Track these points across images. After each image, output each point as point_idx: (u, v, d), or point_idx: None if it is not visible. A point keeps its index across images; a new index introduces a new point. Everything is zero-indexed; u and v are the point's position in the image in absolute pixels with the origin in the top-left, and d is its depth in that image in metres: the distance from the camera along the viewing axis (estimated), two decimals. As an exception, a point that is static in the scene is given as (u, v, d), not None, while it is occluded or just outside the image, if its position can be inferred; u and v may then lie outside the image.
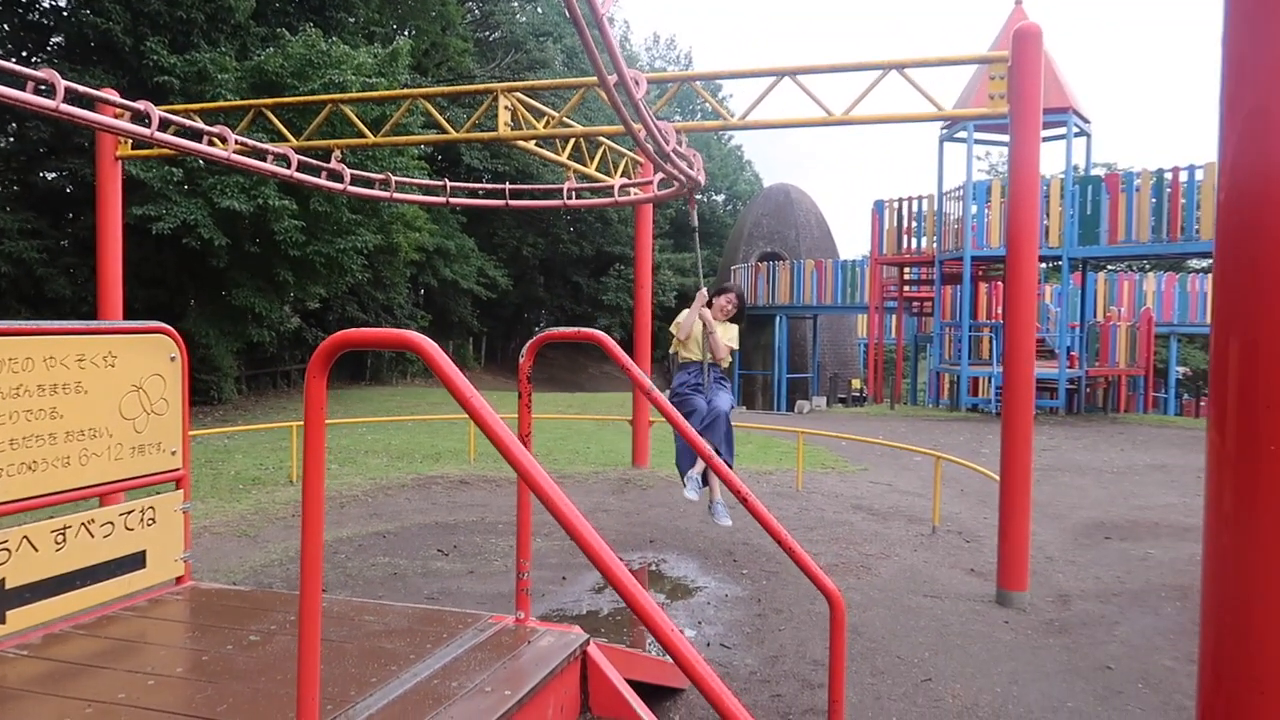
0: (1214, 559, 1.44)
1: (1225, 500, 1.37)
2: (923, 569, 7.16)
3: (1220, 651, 1.43)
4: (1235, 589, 1.37)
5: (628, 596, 1.70)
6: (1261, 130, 1.25)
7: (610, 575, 1.69)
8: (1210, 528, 1.44)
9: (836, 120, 6.77)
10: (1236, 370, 1.32)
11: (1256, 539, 1.31)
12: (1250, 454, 1.31)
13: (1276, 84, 1.23)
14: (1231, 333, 1.34)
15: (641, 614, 1.69)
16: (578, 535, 1.70)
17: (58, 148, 17.55)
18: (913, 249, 22.18)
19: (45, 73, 5.55)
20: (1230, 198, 1.30)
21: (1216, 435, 1.38)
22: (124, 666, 2.59)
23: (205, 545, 7.60)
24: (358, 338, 1.91)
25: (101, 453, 3.04)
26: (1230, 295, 1.34)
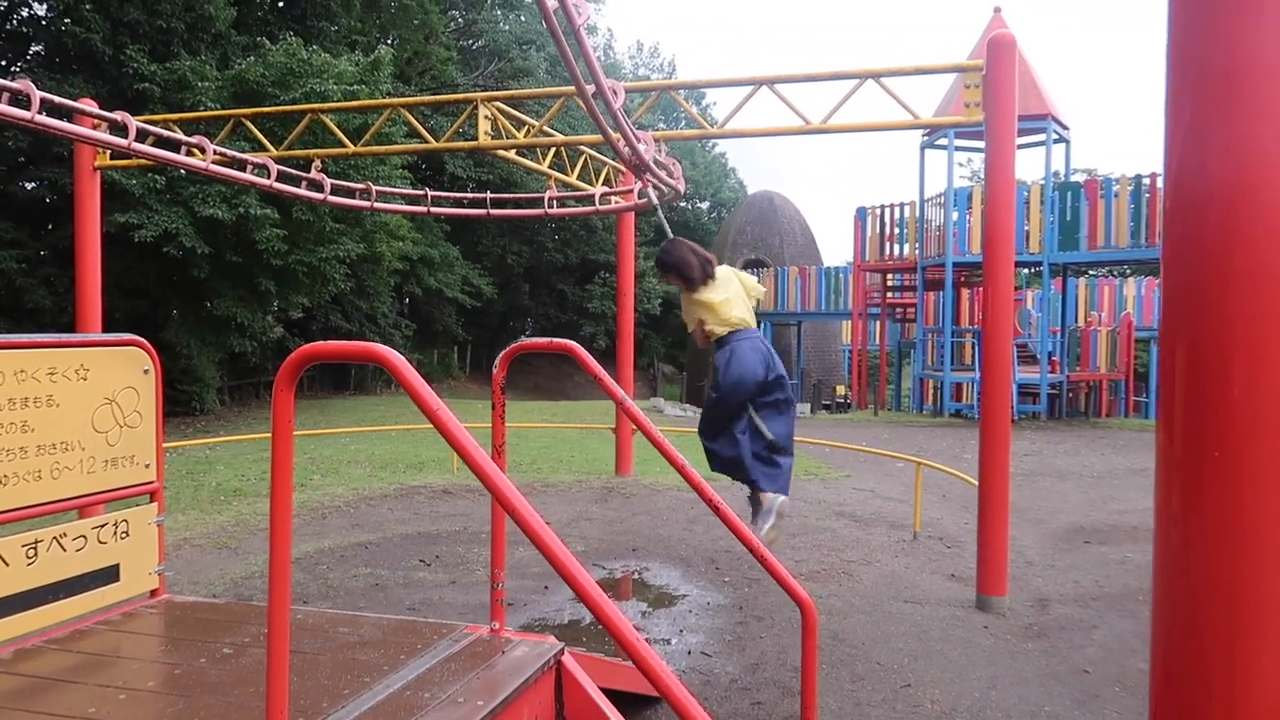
0: (1162, 559, 1.47)
1: (1173, 502, 1.40)
2: (903, 575, 7.19)
3: (1169, 650, 1.46)
4: (1183, 589, 1.40)
5: (588, 600, 1.71)
6: (1200, 144, 1.28)
7: (567, 575, 1.70)
8: (1159, 529, 1.47)
9: (814, 129, 6.81)
10: (1182, 375, 1.35)
11: (1202, 539, 1.34)
12: (1196, 457, 1.34)
13: (1214, 99, 1.27)
14: (1177, 339, 1.37)
15: (604, 619, 1.71)
16: (541, 544, 1.71)
17: (36, 158, 17.45)
18: (895, 255, 22.31)
19: (20, 83, 5.54)
20: (1174, 208, 1.33)
21: (1164, 438, 1.41)
22: (95, 681, 2.58)
23: (186, 557, 7.56)
24: (324, 351, 1.92)
25: (74, 466, 3.03)
26: (1175, 302, 1.37)
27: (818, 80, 6.91)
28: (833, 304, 26.93)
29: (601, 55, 49.48)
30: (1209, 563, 1.34)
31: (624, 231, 11.65)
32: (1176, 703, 1.42)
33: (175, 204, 15.98)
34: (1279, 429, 1.27)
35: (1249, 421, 1.27)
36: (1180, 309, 1.35)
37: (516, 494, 1.82)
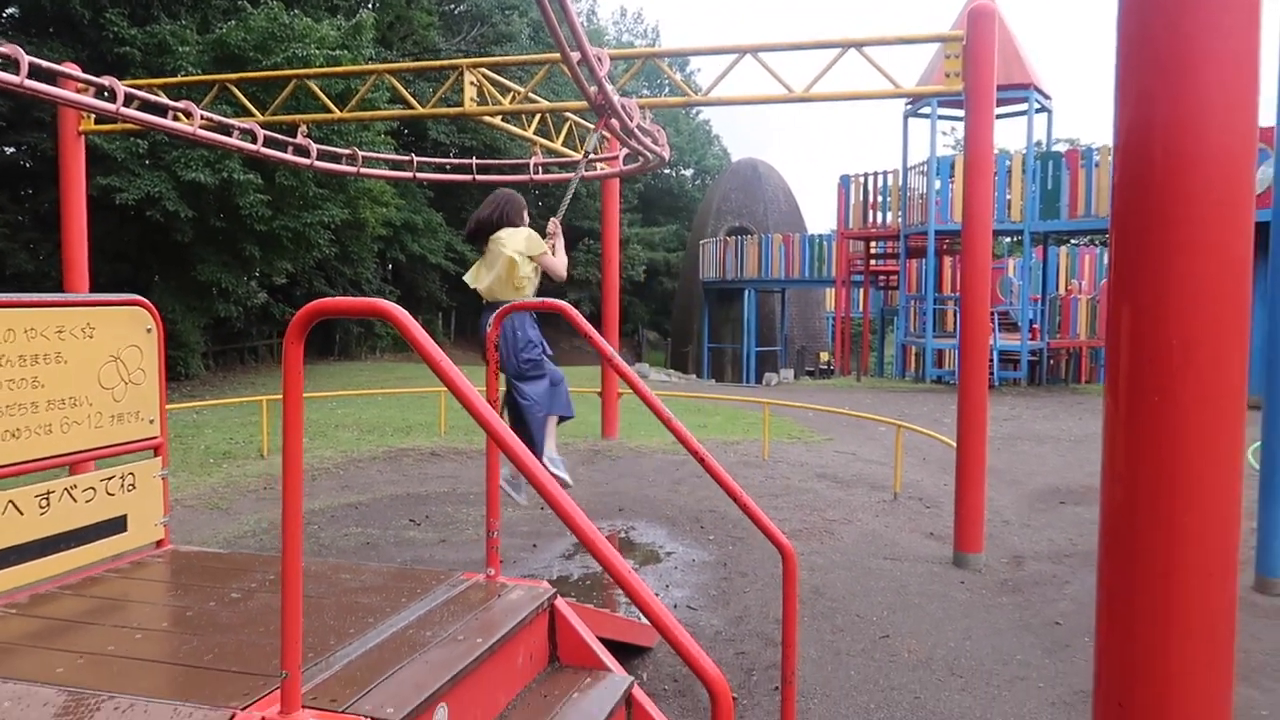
0: (1108, 514, 1.60)
1: (1118, 459, 1.53)
2: (883, 533, 7.40)
3: (1113, 602, 1.60)
4: (1126, 543, 1.53)
5: (593, 548, 1.84)
6: (1147, 115, 1.39)
7: (575, 527, 1.83)
8: (1105, 485, 1.60)
9: (797, 97, 6.90)
10: (1127, 337, 1.48)
11: (1143, 493, 1.47)
12: (1138, 413, 1.47)
13: (1161, 70, 1.38)
14: (1123, 301, 1.49)
15: (604, 562, 1.84)
16: (543, 490, 1.84)
17: (15, 122, 17.24)
18: (878, 223, 22.42)
19: (9, 48, 5.55)
20: (1121, 178, 1.45)
21: (1110, 398, 1.54)
22: (111, 622, 2.71)
23: (178, 517, 7.66)
24: (333, 306, 2.03)
25: (82, 421, 3.13)
26: (1122, 268, 1.49)
27: (801, 49, 6.98)
28: (817, 271, 27.04)
29: (585, 21, 49.00)
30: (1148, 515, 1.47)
31: (609, 198, 11.71)
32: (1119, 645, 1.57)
33: (158, 168, 15.88)
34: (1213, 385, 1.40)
35: (1186, 379, 1.39)
36: (1125, 274, 1.47)
37: (520, 444, 1.95)
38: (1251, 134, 1.40)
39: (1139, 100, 1.42)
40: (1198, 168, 1.37)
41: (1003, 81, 18.22)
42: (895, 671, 4.74)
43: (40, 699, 2.21)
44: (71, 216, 8.64)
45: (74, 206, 8.64)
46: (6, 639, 2.62)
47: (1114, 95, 1.45)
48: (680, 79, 37.09)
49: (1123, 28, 1.42)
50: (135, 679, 2.30)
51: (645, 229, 44.63)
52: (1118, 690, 1.53)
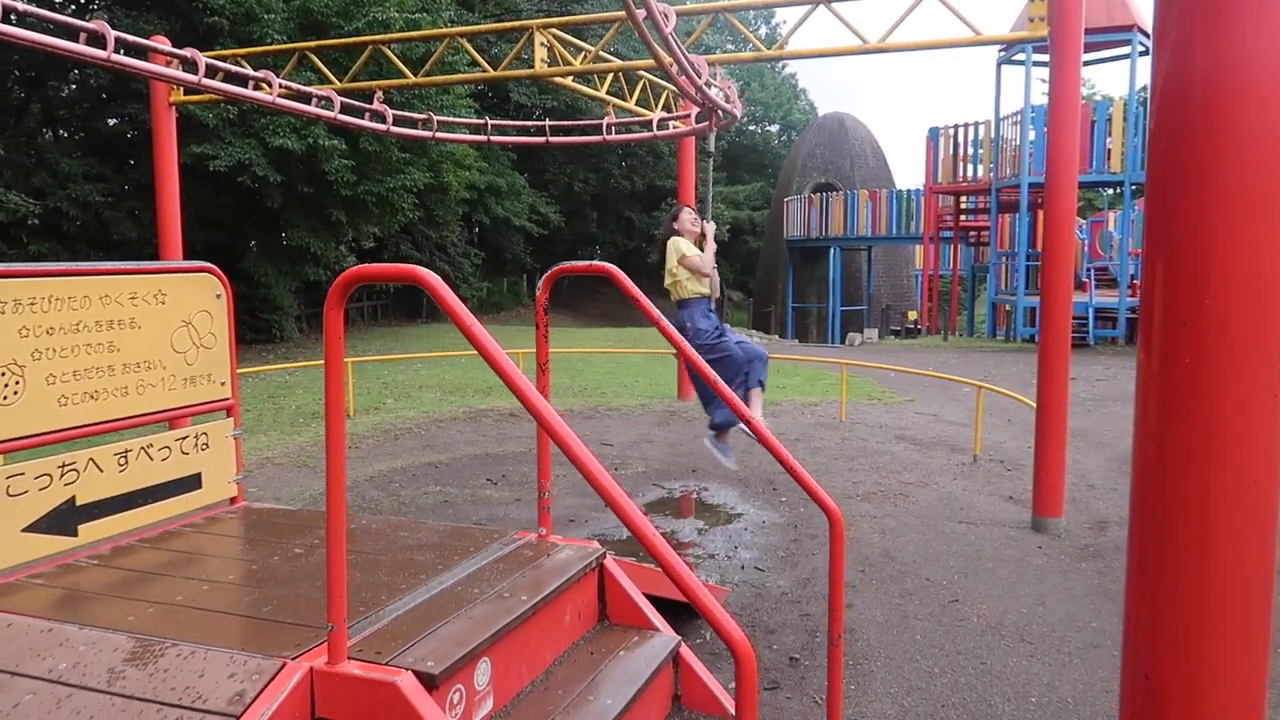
0: (1140, 473, 1.54)
1: (1150, 415, 1.46)
2: (960, 496, 7.25)
3: (1142, 568, 1.54)
4: (1157, 500, 1.47)
5: (615, 506, 1.86)
6: (1185, 63, 1.30)
7: (598, 486, 1.85)
8: (1137, 443, 1.54)
9: (872, 48, 6.69)
10: (1161, 290, 1.40)
11: (1174, 451, 1.40)
12: (1170, 369, 1.39)
13: (1199, 16, 1.28)
14: (1158, 255, 1.41)
15: (627, 521, 1.85)
16: (566, 447, 1.86)
17: (117, 94, 17.98)
18: (969, 177, 21.71)
19: (96, 24, 5.76)
20: (1157, 126, 1.36)
21: (1144, 354, 1.47)
22: (182, 574, 2.85)
23: (269, 475, 8.00)
24: (367, 273, 2.07)
25: (156, 383, 3.28)
26: (1156, 220, 1.41)
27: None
28: (904, 228, 26.39)
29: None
30: (1179, 472, 1.40)
31: (684, 157, 11.60)
32: (1150, 600, 1.51)
33: (247, 135, 16.39)
34: (1248, 343, 1.32)
35: (1220, 335, 1.31)
36: (1160, 226, 1.39)
37: (546, 404, 1.97)
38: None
39: (1175, 48, 1.33)
40: (1239, 116, 1.28)
41: (1103, 24, 17.43)
42: (962, 636, 4.67)
43: (111, 645, 2.35)
44: (165, 185, 8.99)
45: (167, 175, 8.98)
46: (88, 588, 2.78)
47: (1152, 42, 1.36)
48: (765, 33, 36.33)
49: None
50: (198, 628, 2.42)
51: (729, 187, 44.15)
52: (1145, 661, 1.47)
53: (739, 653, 1.82)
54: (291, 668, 2.17)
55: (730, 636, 1.80)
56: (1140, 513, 1.54)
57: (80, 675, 2.26)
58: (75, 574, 2.89)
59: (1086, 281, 18.67)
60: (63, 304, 2.97)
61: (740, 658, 1.82)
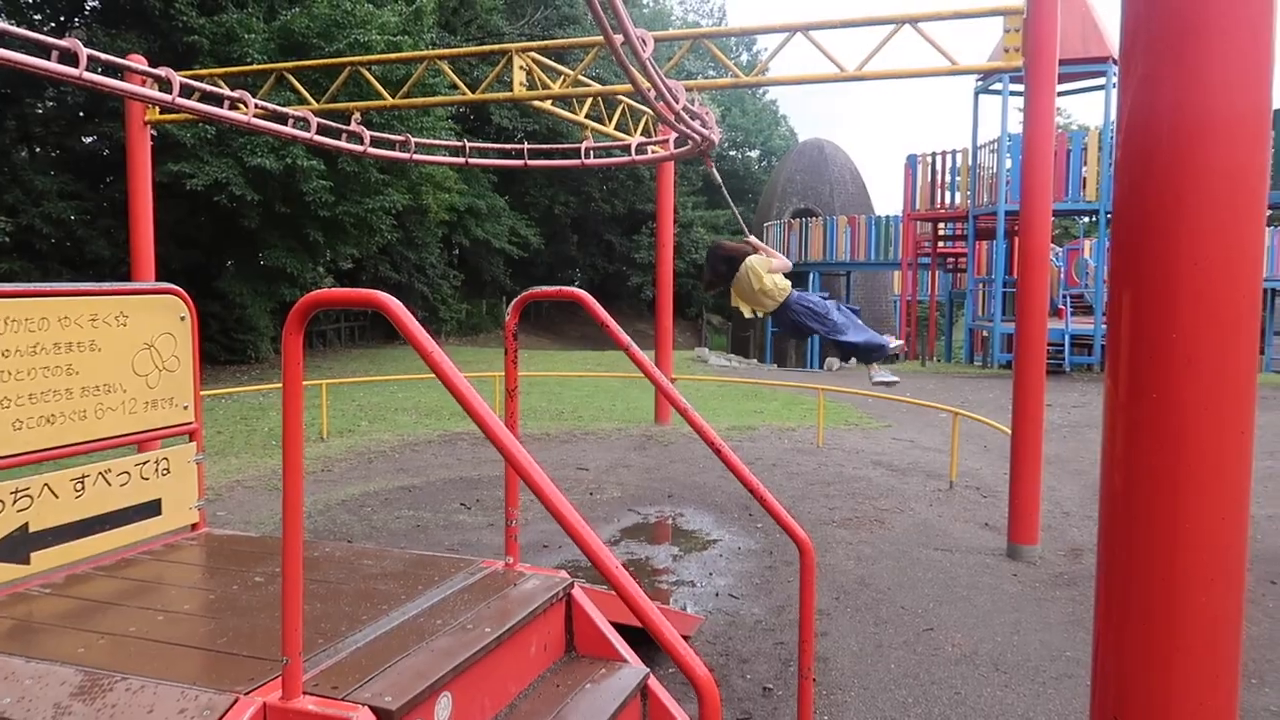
0: (1107, 500, 1.52)
1: (1117, 444, 1.44)
2: (936, 523, 7.24)
3: (1109, 604, 1.51)
4: (1124, 531, 1.45)
5: (574, 534, 1.81)
6: (1150, 98, 1.29)
7: (559, 515, 1.80)
8: (1105, 472, 1.52)
9: (849, 76, 6.74)
10: (1128, 322, 1.39)
11: (1141, 482, 1.38)
12: (1138, 402, 1.38)
13: (1164, 53, 1.28)
14: (1124, 287, 1.40)
15: (584, 547, 1.81)
16: (523, 471, 1.82)
17: (94, 112, 17.84)
18: (947, 204, 21.91)
19: (69, 41, 5.69)
20: (1124, 158, 1.36)
21: (1111, 384, 1.45)
22: (136, 604, 2.77)
23: (238, 498, 7.88)
24: (328, 297, 2.02)
25: (116, 407, 3.21)
26: (1122, 253, 1.40)
27: (855, 26, 6.81)
28: (883, 253, 26.55)
29: (650, 1, 48.73)
30: (1145, 501, 1.38)
31: (664, 181, 11.64)
32: (1117, 628, 1.48)
33: (225, 154, 16.28)
34: (1216, 376, 1.30)
35: (1187, 368, 1.30)
36: (1127, 256, 1.38)
37: (506, 430, 1.93)
38: (1265, 111, 1.29)
39: (1143, 80, 1.32)
40: (1203, 149, 1.27)
41: (1079, 54, 17.67)
42: (937, 666, 4.64)
43: (59, 678, 2.27)
44: (138, 204, 8.90)
45: (140, 194, 8.89)
46: (39, 618, 2.70)
47: (1119, 74, 1.35)
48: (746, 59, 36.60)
49: (1128, 4, 1.32)
50: (151, 660, 2.35)
51: (709, 211, 44.32)
52: (1114, 699, 1.45)
53: (701, 688, 1.78)
54: (244, 703, 2.10)
55: (692, 671, 1.76)
56: (1108, 543, 1.52)
57: (25, 711, 2.18)
58: (27, 603, 2.80)
59: (1062, 308, 18.84)
60: (19, 325, 2.90)
61: (703, 694, 1.78)
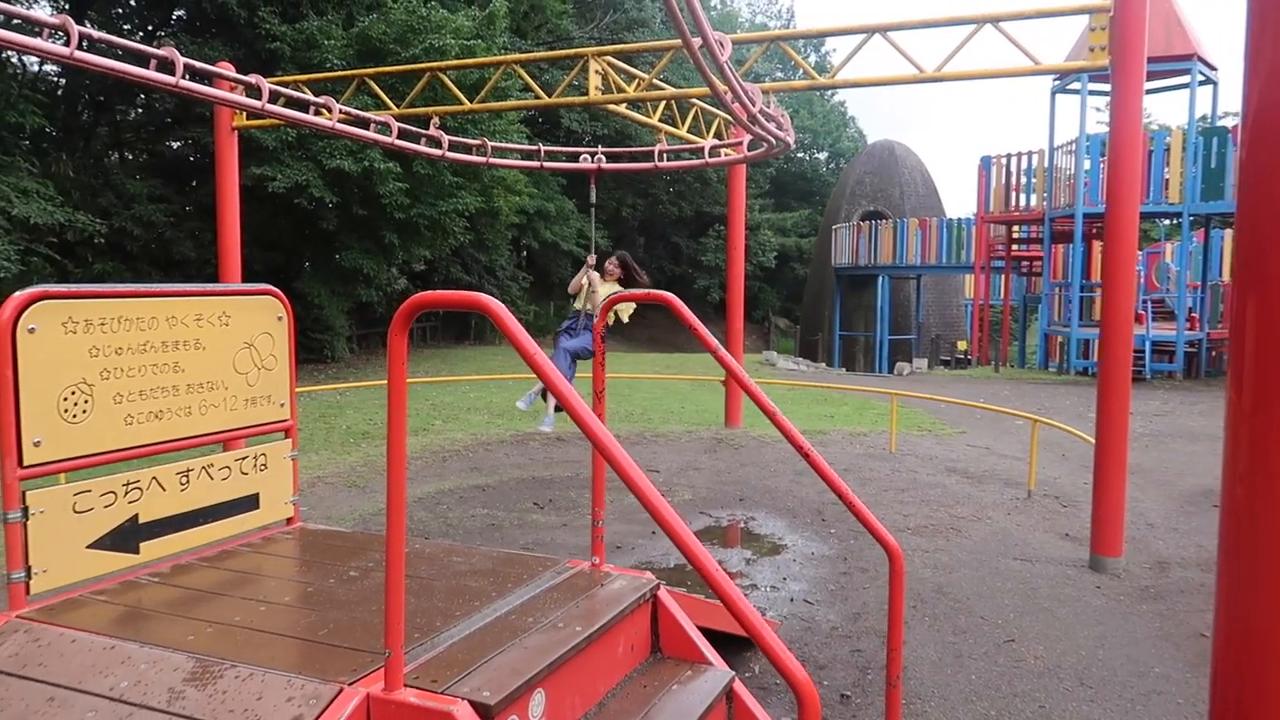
0: (1229, 515, 1.48)
1: (1240, 457, 1.40)
2: (1015, 532, 7.10)
3: (1232, 603, 1.47)
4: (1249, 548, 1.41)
5: (676, 538, 1.83)
6: None
7: (659, 518, 1.82)
8: (1226, 484, 1.48)
9: (928, 78, 6.65)
10: (1253, 327, 1.35)
11: (1269, 495, 1.35)
12: (1263, 411, 1.34)
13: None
14: (1249, 291, 1.36)
15: (688, 553, 1.83)
16: (630, 481, 1.84)
17: (181, 118, 18.49)
18: (1021, 206, 21.43)
19: (166, 50, 5.92)
20: (1250, 156, 1.32)
21: (1234, 392, 1.41)
22: (239, 594, 2.87)
23: (319, 494, 8.09)
24: (433, 299, 2.08)
25: (218, 404, 3.33)
26: (1248, 254, 1.36)
27: (935, 26, 6.71)
28: (955, 256, 26.09)
29: (718, 4, 48.63)
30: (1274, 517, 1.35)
31: (735, 184, 11.62)
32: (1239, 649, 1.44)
33: (306, 158, 16.75)
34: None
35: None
36: (1253, 261, 1.34)
37: (607, 432, 1.95)
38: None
39: (1270, 76, 1.28)
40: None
41: (1162, 53, 17.15)
42: (1019, 678, 4.55)
43: (172, 664, 2.37)
44: (226, 207, 9.20)
45: (228, 198, 9.19)
46: (149, 606, 2.82)
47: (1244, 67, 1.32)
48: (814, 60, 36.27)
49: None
50: (256, 650, 2.43)
51: (777, 214, 44.08)
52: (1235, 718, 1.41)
53: (802, 693, 1.78)
54: (348, 693, 2.17)
55: (794, 676, 1.76)
56: (1229, 560, 1.48)
57: (141, 694, 2.28)
58: (137, 591, 2.93)
59: (1142, 314, 18.30)
60: (131, 324, 3.03)
61: (804, 698, 1.78)
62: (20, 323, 2.68)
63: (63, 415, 2.82)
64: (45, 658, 2.47)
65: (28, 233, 13.42)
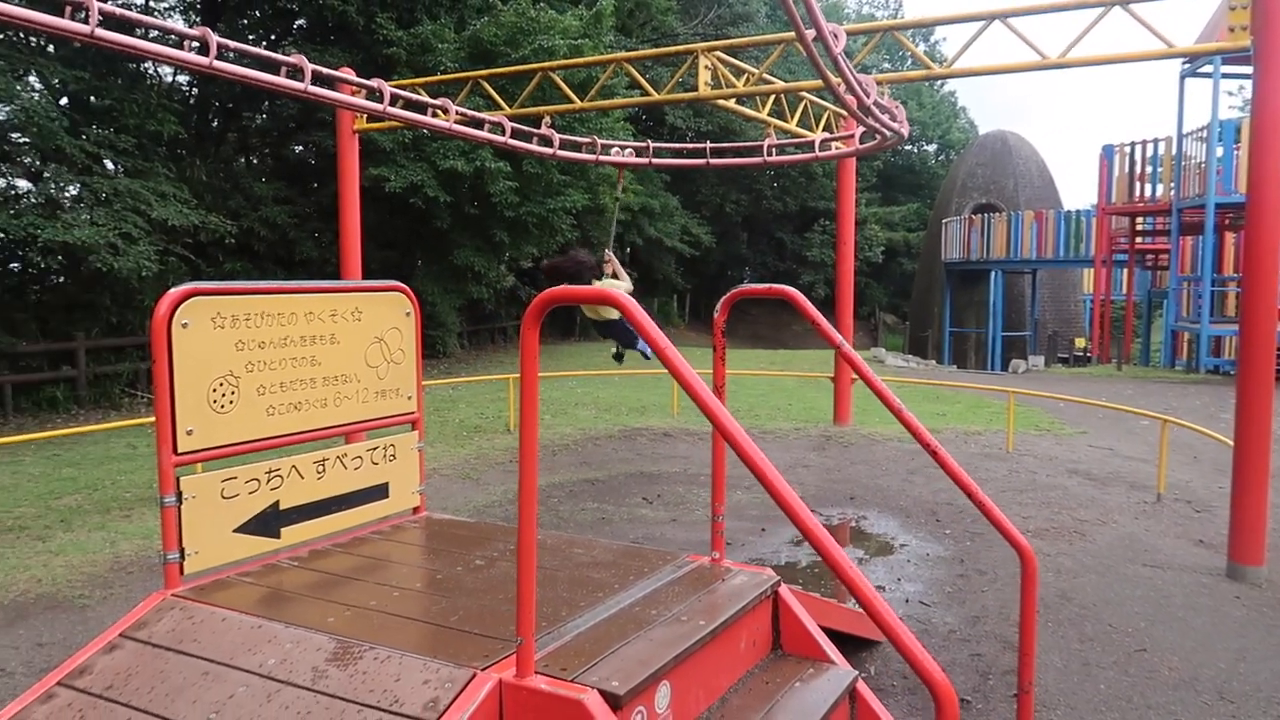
0: None
1: None
2: (1143, 538, 6.79)
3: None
4: None
5: (812, 538, 1.82)
6: None
7: (792, 513, 1.82)
8: None
9: (1052, 64, 6.40)
10: None
11: None
12: None
13: None
14: None
15: (825, 554, 1.81)
16: (765, 478, 1.83)
17: (304, 123, 19.25)
18: (1147, 197, 20.44)
19: (295, 58, 6.18)
20: None
21: None
22: (373, 580, 2.99)
23: (434, 486, 8.32)
24: (565, 294, 2.12)
25: (351, 396, 3.47)
26: None
27: (1059, 10, 6.46)
28: (1073, 250, 25.08)
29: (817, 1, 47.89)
30: None
31: (844, 177, 11.43)
32: None
33: (420, 159, 17.25)
34: None
35: None
36: None
37: (742, 432, 1.95)
38: None
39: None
40: None
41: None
42: (1152, 690, 4.35)
43: (314, 644, 2.48)
44: (347, 207, 9.55)
45: (349, 199, 9.54)
46: (290, 588, 2.95)
47: None
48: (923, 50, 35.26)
49: None
50: (392, 633, 2.53)
51: (884, 208, 43.21)
52: None
53: (941, 695, 1.75)
54: (482, 678, 2.23)
55: (933, 678, 1.73)
56: None
57: (287, 671, 2.40)
58: (278, 574, 3.07)
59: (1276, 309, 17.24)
60: (273, 320, 3.18)
61: (942, 701, 1.75)
62: (174, 318, 2.84)
63: (212, 406, 2.98)
64: (199, 634, 2.62)
65: (165, 234, 14.20)
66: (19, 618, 5.19)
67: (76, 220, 12.05)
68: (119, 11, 4.91)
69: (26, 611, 5.28)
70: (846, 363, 2.81)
